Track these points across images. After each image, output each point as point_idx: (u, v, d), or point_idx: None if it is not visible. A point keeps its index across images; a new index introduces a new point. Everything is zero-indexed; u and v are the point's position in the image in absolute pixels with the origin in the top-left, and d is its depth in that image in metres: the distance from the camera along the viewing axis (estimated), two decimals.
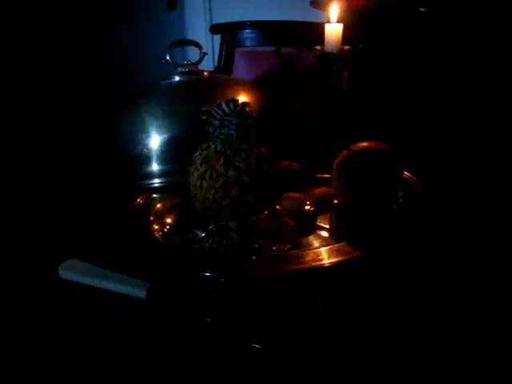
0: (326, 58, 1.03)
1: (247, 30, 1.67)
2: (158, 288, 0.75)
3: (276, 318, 0.71)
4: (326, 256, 0.73)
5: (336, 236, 0.82)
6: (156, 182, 1.01)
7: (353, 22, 1.06)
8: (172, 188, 0.96)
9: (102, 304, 0.77)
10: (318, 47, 1.04)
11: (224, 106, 0.82)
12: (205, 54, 1.13)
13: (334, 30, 1.01)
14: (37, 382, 0.71)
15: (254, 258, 0.77)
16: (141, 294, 0.75)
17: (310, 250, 0.77)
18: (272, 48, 1.58)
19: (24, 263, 0.85)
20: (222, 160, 0.82)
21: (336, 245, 0.76)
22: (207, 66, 1.75)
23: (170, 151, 1.02)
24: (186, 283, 0.75)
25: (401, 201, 0.86)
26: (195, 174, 0.85)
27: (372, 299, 0.74)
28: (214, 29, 1.75)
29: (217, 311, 0.73)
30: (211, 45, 1.85)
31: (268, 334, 0.70)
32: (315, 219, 0.86)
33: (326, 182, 0.96)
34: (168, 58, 1.09)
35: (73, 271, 0.81)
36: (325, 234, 0.85)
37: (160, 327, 0.71)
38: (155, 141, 1.03)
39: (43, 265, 0.83)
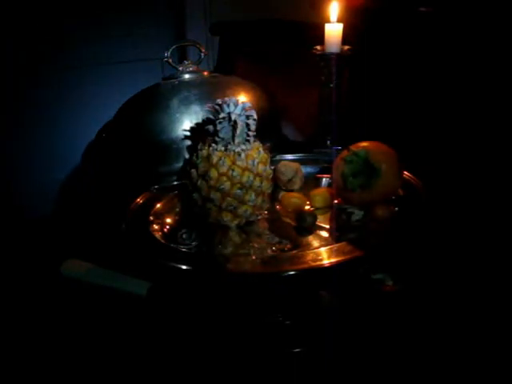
0: (326, 57, 1.03)
1: (247, 30, 1.67)
2: (158, 288, 0.75)
3: (275, 318, 0.72)
4: (325, 256, 0.73)
5: (336, 236, 0.82)
6: (154, 182, 1.01)
7: (353, 22, 1.06)
8: (172, 188, 0.96)
9: (102, 304, 0.77)
10: (318, 47, 1.04)
11: (224, 106, 0.82)
12: (205, 54, 1.13)
13: (334, 30, 1.01)
14: (37, 382, 0.71)
15: (253, 258, 0.77)
16: (141, 293, 0.75)
17: (309, 250, 0.77)
18: (272, 48, 1.58)
19: (25, 263, 0.85)
20: (222, 160, 0.82)
21: (336, 245, 0.76)
22: (207, 66, 1.76)
23: (169, 151, 1.02)
24: (185, 283, 0.75)
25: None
26: (195, 174, 0.85)
27: (372, 299, 0.74)
28: (214, 29, 1.75)
29: (216, 311, 0.73)
30: (211, 45, 1.85)
31: (268, 334, 0.70)
32: (315, 219, 0.86)
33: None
34: (168, 57, 1.09)
35: (74, 271, 0.81)
36: (325, 233, 0.85)
37: (160, 327, 0.71)
38: (155, 141, 1.02)
39: (44, 265, 0.84)
